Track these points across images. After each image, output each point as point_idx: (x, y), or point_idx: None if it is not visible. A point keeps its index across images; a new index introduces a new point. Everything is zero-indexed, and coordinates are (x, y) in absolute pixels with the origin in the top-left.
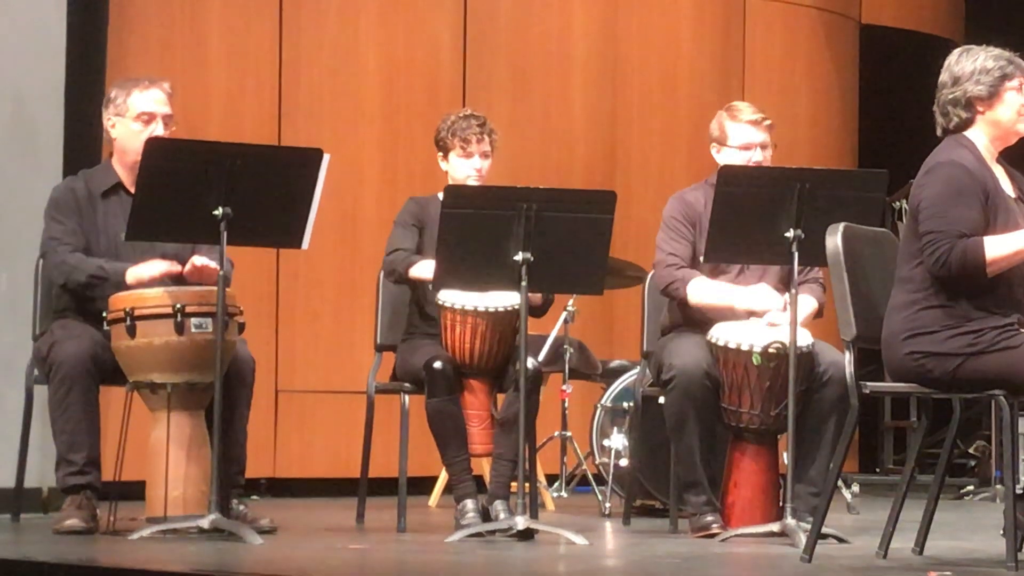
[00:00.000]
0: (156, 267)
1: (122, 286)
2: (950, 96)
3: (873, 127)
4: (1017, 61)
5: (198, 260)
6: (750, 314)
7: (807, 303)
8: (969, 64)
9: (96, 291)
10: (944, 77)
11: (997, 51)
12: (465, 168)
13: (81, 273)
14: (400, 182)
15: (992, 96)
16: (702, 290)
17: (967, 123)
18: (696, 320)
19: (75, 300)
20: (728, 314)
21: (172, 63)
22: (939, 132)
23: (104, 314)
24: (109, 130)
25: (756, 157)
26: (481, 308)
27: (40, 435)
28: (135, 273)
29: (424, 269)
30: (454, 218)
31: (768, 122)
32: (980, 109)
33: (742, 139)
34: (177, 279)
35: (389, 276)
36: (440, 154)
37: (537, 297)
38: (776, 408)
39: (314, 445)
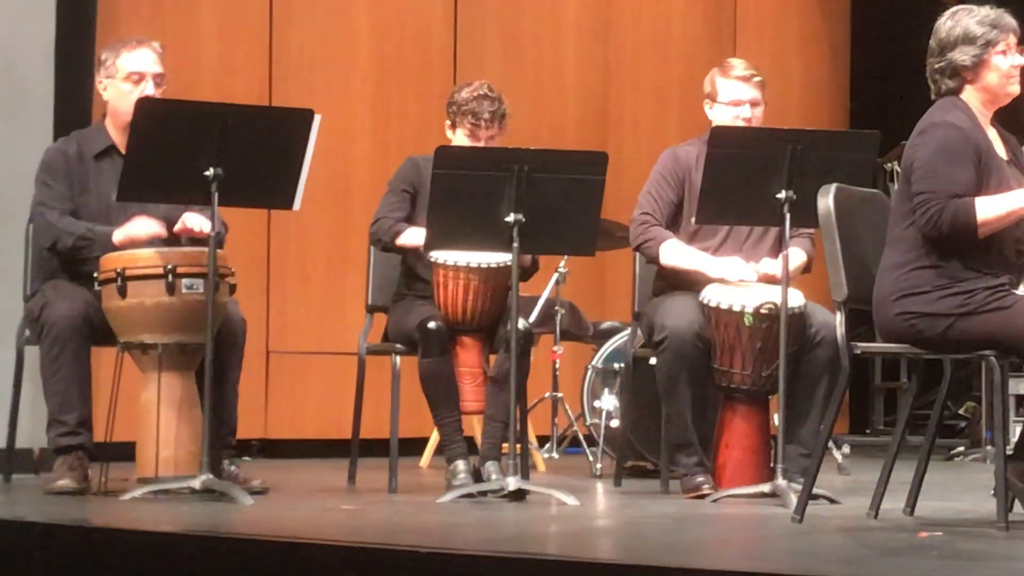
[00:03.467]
0: (143, 227)
1: (109, 247)
2: (937, 65)
3: (865, 88)
4: (1003, 23)
5: (189, 219)
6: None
7: (796, 255)
8: (955, 31)
9: (84, 253)
10: (932, 43)
11: (983, 13)
12: None
13: (69, 236)
14: (391, 144)
15: (978, 65)
16: (675, 253)
17: (956, 90)
18: (687, 281)
19: (66, 261)
20: (703, 278)
21: (163, 24)
22: (932, 96)
23: (95, 275)
24: (101, 93)
25: (745, 114)
26: (474, 264)
27: (31, 396)
28: (122, 233)
29: (412, 237)
30: (445, 179)
31: (758, 79)
32: (967, 77)
33: (731, 95)
34: (167, 240)
35: (375, 244)
36: (448, 122)
37: (526, 259)
38: (767, 369)
39: (305, 406)
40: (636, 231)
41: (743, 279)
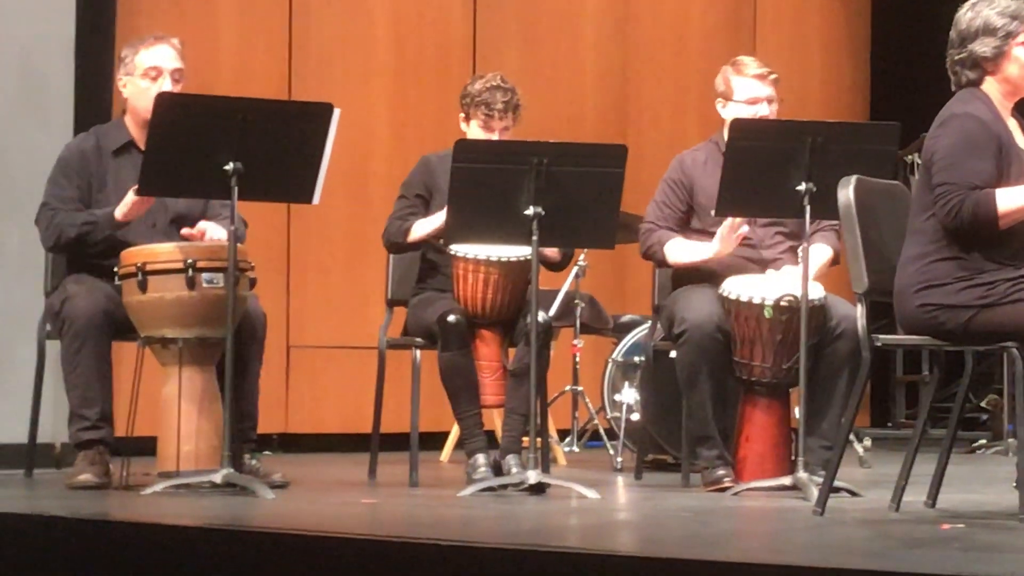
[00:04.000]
0: (136, 201)
1: (114, 224)
2: (957, 57)
3: (885, 81)
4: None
5: (208, 229)
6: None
7: (822, 251)
8: (975, 22)
9: (91, 237)
10: (952, 34)
11: (1003, 4)
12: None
13: (71, 228)
14: (410, 138)
15: (998, 56)
16: (678, 250)
17: (977, 82)
18: (707, 274)
19: (80, 255)
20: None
21: (182, 20)
22: (953, 88)
23: (116, 269)
24: (121, 90)
25: (762, 111)
26: (494, 258)
27: (53, 390)
28: (123, 206)
29: (423, 227)
30: (465, 172)
31: (774, 76)
32: (988, 69)
33: (748, 93)
34: (183, 238)
35: (390, 249)
36: (462, 115)
37: (555, 253)
38: (788, 361)
39: (326, 400)
40: (640, 240)
41: (736, 224)
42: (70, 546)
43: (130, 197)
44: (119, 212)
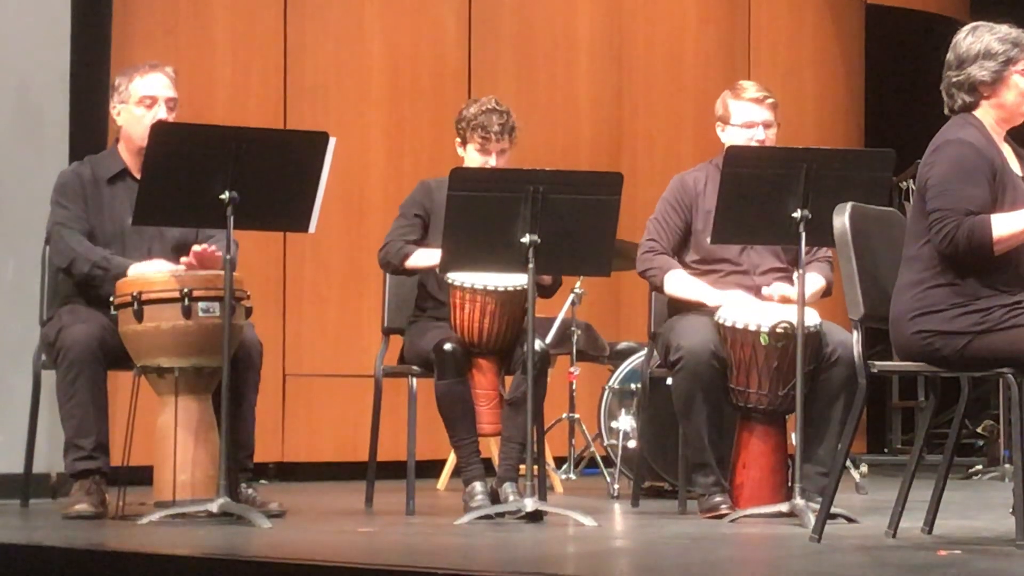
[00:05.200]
0: (159, 267)
1: (121, 278)
2: (955, 79)
3: (879, 107)
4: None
5: (197, 248)
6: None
7: (815, 280)
8: (975, 46)
9: (96, 281)
10: (950, 57)
11: (1004, 31)
12: (479, 163)
13: (85, 262)
14: (406, 166)
15: (996, 81)
16: (678, 284)
17: (972, 106)
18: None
19: (79, 284)
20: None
21: (177, 49)
22: (946, 111)
23: (111, 298)
24: (115, 118)
25: (759, 136)
26: (491, 287)
27: (48, 420)
28: (137, 270)
29: (421, 258)
30: (461, 200)
31: (771, 100)
32: (985, 93)
33: (744, 117)
34: (180, 257)
35: (385, 268)
36: (458, 139)
37: (547, 278)
38: (784, 388)
39: (322, 429)
40: (641, 259)
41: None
42: None
43: (155, 265)
44: (132, 274)
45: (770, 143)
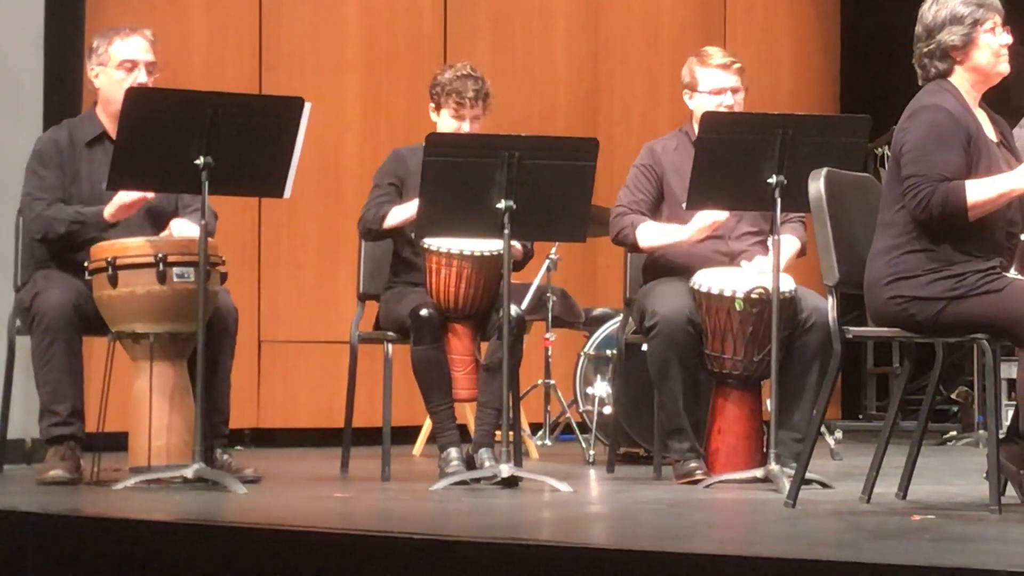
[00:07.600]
0: (128, 195)
1: (102, 225)
2: (926, 50)
3: (854, 73)
4: (988, 2)
5: (176, 226)
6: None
7: (791, 243)
8: (941, 12)
9: (78, 236)
10: (918, 29)
11: None
12: (452, 129)
13: (60, 224)
14: (382, 132)
15: (967, 44)
16: (650, 233)
17: (946, 72)
18: (678, 267)
19: (57, 250)
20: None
21: (152, 12)
22: (920, 83)
23: (86, 264)
24: (93, 80)
25: (727, 101)
26: (467, 252)
27: (23, 386)
28: (112, 206)
29: (398, 215)
30: (436, 166)
31: (738, 65)
32: (957, 58)
33: (712, 84)
34: (156, 224)
35: (366, 237)
36: (432, 104)
37: (519, 251)
38: (759, 354)
39: (298, 395)
40: (612, 223)
41: (716, 220)
42: (41, 542)
43: (120, 198)
44: (108, 212)
45: (739, 108)
